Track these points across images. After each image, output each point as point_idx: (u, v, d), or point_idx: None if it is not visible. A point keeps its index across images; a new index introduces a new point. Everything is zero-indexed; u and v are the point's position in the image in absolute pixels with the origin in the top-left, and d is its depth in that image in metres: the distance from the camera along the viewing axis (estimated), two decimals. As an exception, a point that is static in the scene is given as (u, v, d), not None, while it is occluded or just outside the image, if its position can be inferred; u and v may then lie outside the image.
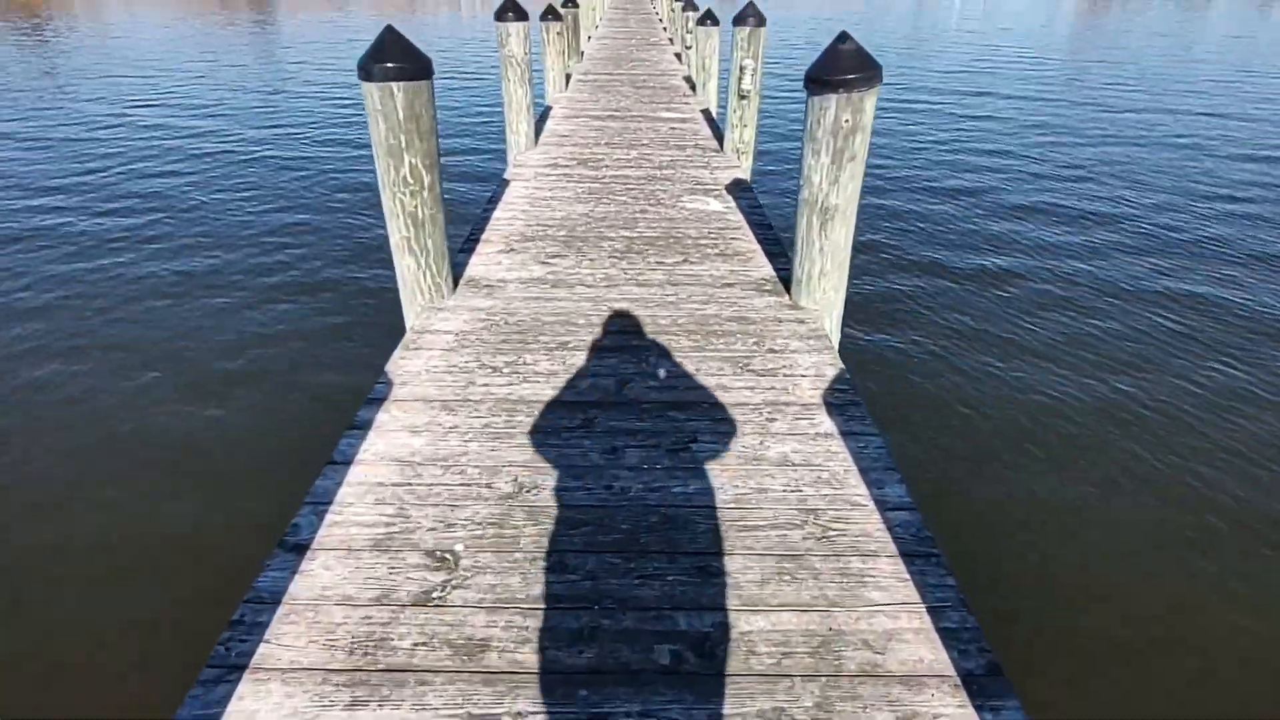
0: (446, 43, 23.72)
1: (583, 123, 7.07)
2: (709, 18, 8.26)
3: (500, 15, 5.52)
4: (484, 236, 4.09)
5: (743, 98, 5.65)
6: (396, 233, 3.12)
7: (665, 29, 17.03)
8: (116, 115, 12.51)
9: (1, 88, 14.92)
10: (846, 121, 2.89)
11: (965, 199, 8.41)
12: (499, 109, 10.75)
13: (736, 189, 5.05)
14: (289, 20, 33.16)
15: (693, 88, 9.03)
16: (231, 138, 10.93)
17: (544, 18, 8.30)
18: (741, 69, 5.53)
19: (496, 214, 4.46)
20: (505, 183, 5.10)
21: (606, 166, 5.54)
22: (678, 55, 12.48)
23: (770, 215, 4.60)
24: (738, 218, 4.48)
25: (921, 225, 7.52)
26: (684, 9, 10.96)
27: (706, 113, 7.71)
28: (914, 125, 12.16)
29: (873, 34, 28.41)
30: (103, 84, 15.70)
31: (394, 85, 2.80)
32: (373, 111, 2.88)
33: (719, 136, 6.58)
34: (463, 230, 4.37)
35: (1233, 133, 11.97)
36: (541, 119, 7.36)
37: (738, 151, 5.87)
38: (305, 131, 11.30)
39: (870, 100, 2.88)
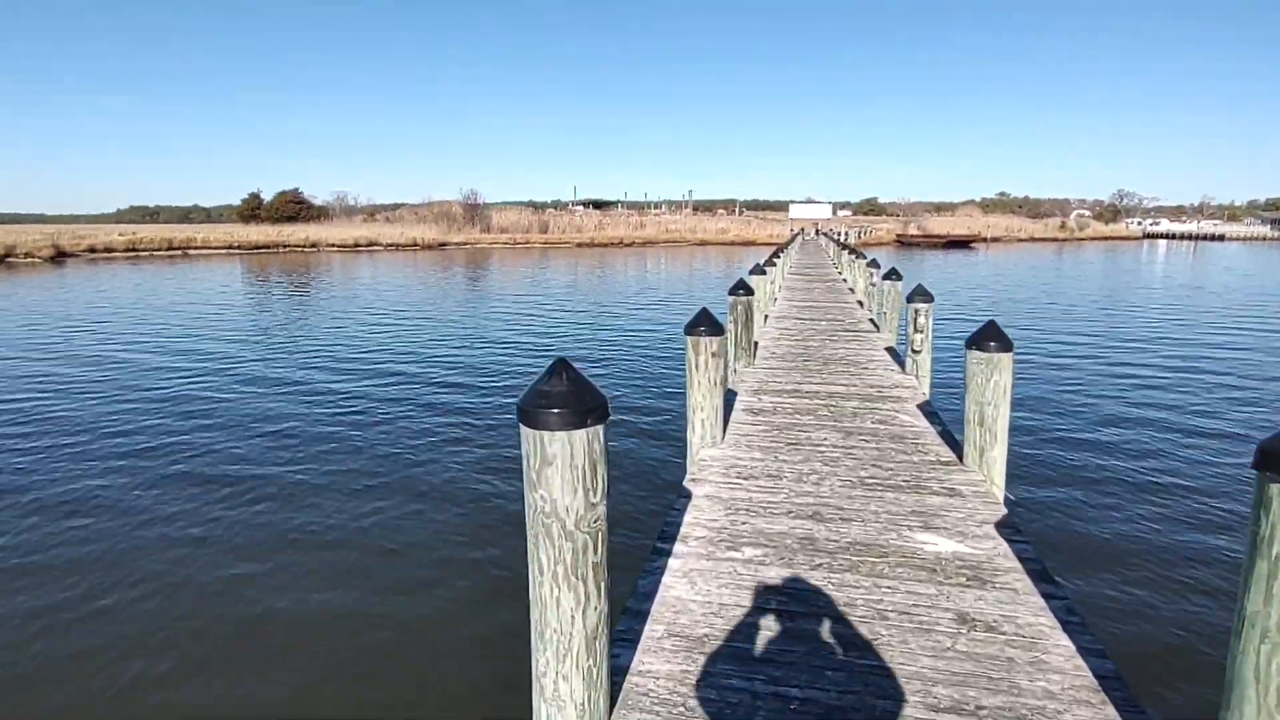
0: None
1: (750, 574, 3.22)
2: (996, 338, 4.49)
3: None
4: None
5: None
6: None
7: (862, 304, 13.82)
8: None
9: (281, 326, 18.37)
10: None
11: None
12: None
13: None
14: (498, 273, 35.79)
15: (955, 449, 5.04)
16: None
17: (692, 329, 4.97)
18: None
19: None
20: None
21: None
22: (891, 351, 8.84)
23: None
24: None
25: None
26: (913, 298, 7.45)
27: (1011, 532, 3.62)
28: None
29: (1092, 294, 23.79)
30: (351, 327, 17.95)
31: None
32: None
33: (1101, 675, 2.38)
34: None
35: None
36: (670, 527, 3.65)
37: None
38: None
39: None
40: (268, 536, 5.93)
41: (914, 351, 7.41)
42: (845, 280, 19.04)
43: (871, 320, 11.56)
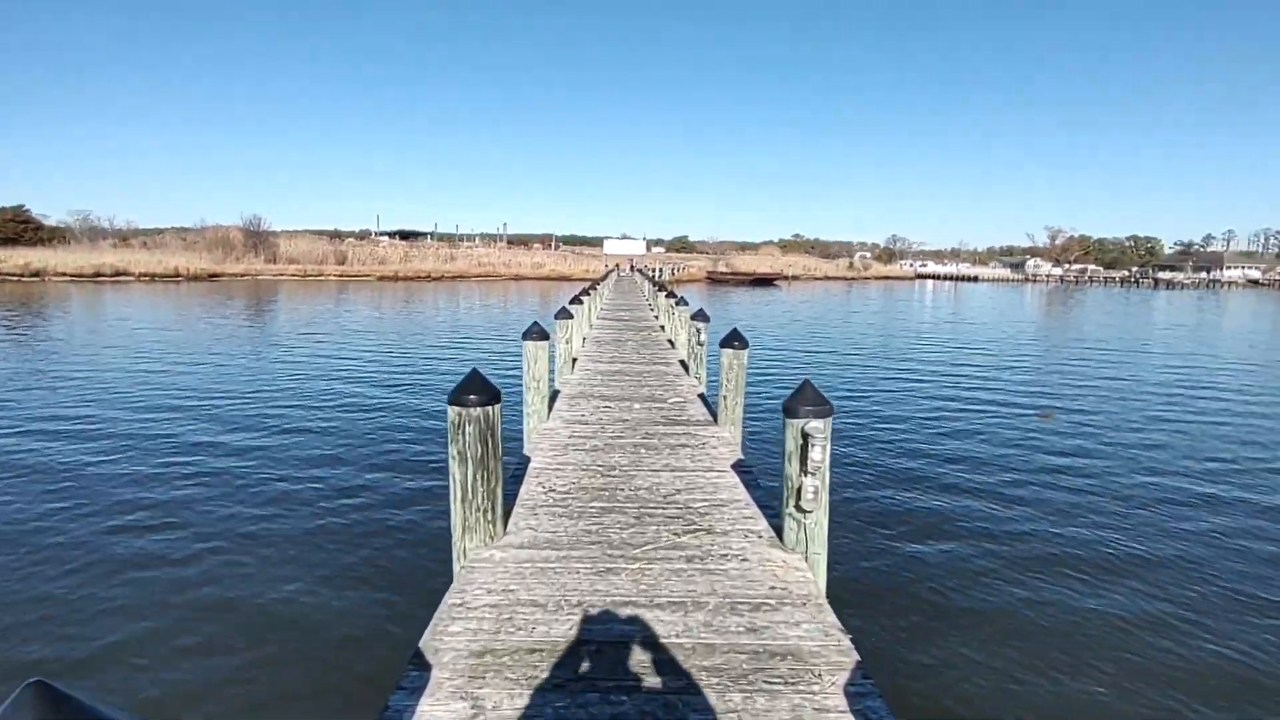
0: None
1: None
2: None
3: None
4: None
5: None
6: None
7: (686, 365, 10.68)
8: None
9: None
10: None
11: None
12: None
13: None
14: (288, 310, 29.71)
15: None
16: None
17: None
18: None
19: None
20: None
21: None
22: (741, 470, 5.59)
23: None
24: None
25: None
26: (800, 421, 4.22)
27: None
28: None
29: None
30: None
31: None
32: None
33: None
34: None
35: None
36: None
37: None
38: None
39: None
40: None
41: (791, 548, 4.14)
42: (664, 329, 16.13)
43: (702, 397, 8.40)
